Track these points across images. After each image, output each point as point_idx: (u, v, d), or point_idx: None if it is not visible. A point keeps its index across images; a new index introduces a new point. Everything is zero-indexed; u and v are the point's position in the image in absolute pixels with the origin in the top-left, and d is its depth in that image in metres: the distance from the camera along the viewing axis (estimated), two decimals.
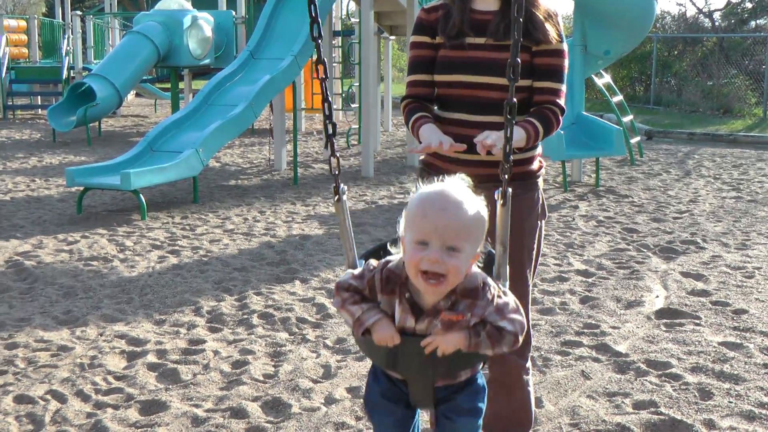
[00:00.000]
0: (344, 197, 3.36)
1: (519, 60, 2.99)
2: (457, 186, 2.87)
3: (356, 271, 3.01)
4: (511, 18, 3.74)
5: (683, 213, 11.34)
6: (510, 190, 3.12)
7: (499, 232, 3.12)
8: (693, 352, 6.06)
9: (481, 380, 3.12)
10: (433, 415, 3.13)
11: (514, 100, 3.04)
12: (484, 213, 2.86)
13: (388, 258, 2.99)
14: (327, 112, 3.39)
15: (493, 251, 3.19)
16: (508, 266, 3.16)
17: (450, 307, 2.84)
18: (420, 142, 3.89)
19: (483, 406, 3.10)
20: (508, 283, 3.13)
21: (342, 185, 3.36)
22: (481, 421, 3.09)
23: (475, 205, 2.83)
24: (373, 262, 3.01)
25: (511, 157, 3.07)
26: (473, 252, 2.82)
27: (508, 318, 2.86)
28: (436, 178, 3.45)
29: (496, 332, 2.83)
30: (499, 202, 3.12)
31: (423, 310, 2.87)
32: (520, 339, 2.87)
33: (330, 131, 3.40)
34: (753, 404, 5.17)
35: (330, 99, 3.39)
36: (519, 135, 3.78)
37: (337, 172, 3.36)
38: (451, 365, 2.94)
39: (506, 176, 3.13)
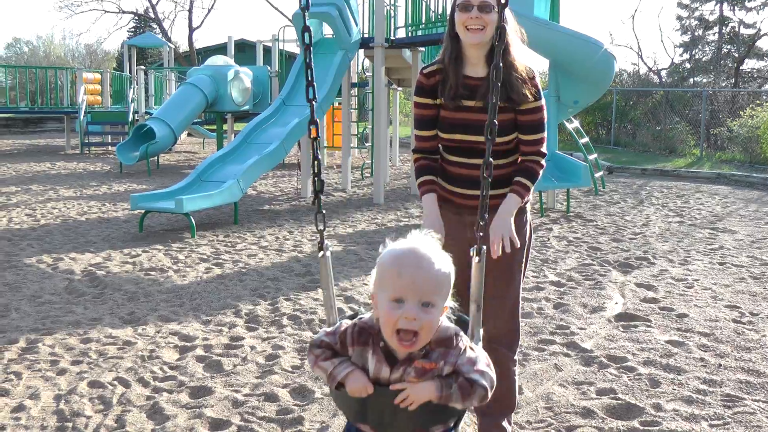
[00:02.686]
0: (328, 253, 3.02)
1: (496, 122, 2.94)
2: (426, 242, 2.54)
3: (328, 329, 2.67)
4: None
5: (637, 234, 11.32)
6: (484, 247, 2.85)
7: (474, 290, 2.82)
8: (645, 349, 6.06)
9: None
10: None
11: (491, 160, 2.92)
12: (452, 267, 2.54)
13: (361, 315, 2.67)
14: (316, 170, 3.04)
15: (465, 316, 2.88)
16: (481, 329, 2.85)
17: (424, 356, 2.49)
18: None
19: None
20: (481, 344, 2.78)
21: (326, 241, 3.01)
22: None
23: (444, 260, 2.52)
24: (346, 321, 2.68)
25: (486, 215, 2.98)
26: (443, 305, 2.49)
27: (480, 371, 2.50)
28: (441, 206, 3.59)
29: (468, 385, 2.46)
30: (475, 259, 2.85)
31: (397, 359, 2.51)
32: (490, 394, 2.50)
33: (318, 187, 3.05)
34: (692, 391, 5.18)
35: (319, 156, 3.06)
36: (516, 201, 3.92)
37: (322, 228, 3.03)
38: (422, 418, 2.49)
39: (481, 234, 2.86)
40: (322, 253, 2.99)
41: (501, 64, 2.90)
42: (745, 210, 14.11)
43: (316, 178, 3.02)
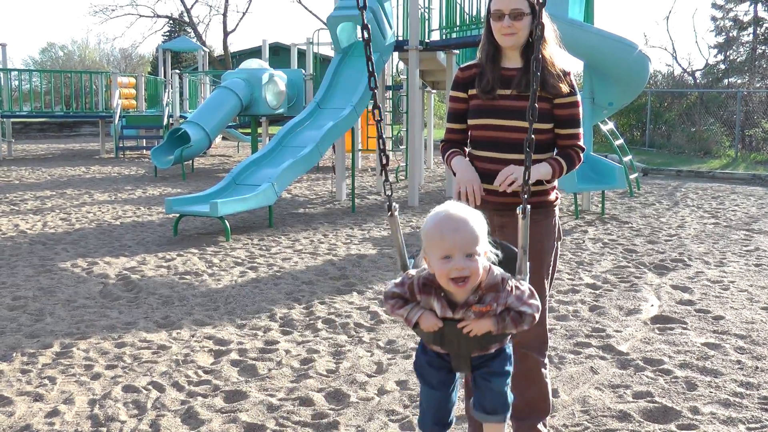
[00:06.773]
0: (396, 213, 3.40)
1: (537, 105, 3.08)
2: (457, 205, 3.01)
3: (397, 281, 3.12)
4: (530, 74, 3.78)
5: (673, 236, 11.22)
6: (529, 206, 3.16)
7: (521, 239, 3.17)
8: (681, 351, 6.01)
9: (509, 349, 3.19)
10: (470, 377, 3.20)
11: (533, 136, 3.13)
12: (481, 219, 2.97)
13: (422, 268, 3.10)
14: (381, 147, 3.48)
15: (514, 248, 3.28)
16: (528, 264, 3.20)
17: (478, 301, 2.95)
18: (453, 173, 4.09)
19: (511, 369, 3.17)
20: (528, 277, 3.18)
21: (394, 203, 3.40)
22: (509, 380, 3.17)
23: (474, 216, 2.96)
24: (411, 271, 3.12)
25: (530, 181, 3.14)
26: (483, 250, 2.92)
27: (527, 303, 2.97)
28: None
29: (518, 316, 2.95)
30: (520, 216, 3.15)
31: (457, 304, 2.97)
32: (537, 317, 2.98)
33: (384, 161, 3.42)
34: (729, 394, 5.13)
35: (384, 136, 3.46)
36: (546, 169, 3.96)
37: (389, 193, 3.43)
38: (483, 342, 3.04)
39: (526, 196, 3.19)
40: (390, 213, 3.38)
41: (540, 56, 3.09)
42: None
43: (382, 154, 3.45)
